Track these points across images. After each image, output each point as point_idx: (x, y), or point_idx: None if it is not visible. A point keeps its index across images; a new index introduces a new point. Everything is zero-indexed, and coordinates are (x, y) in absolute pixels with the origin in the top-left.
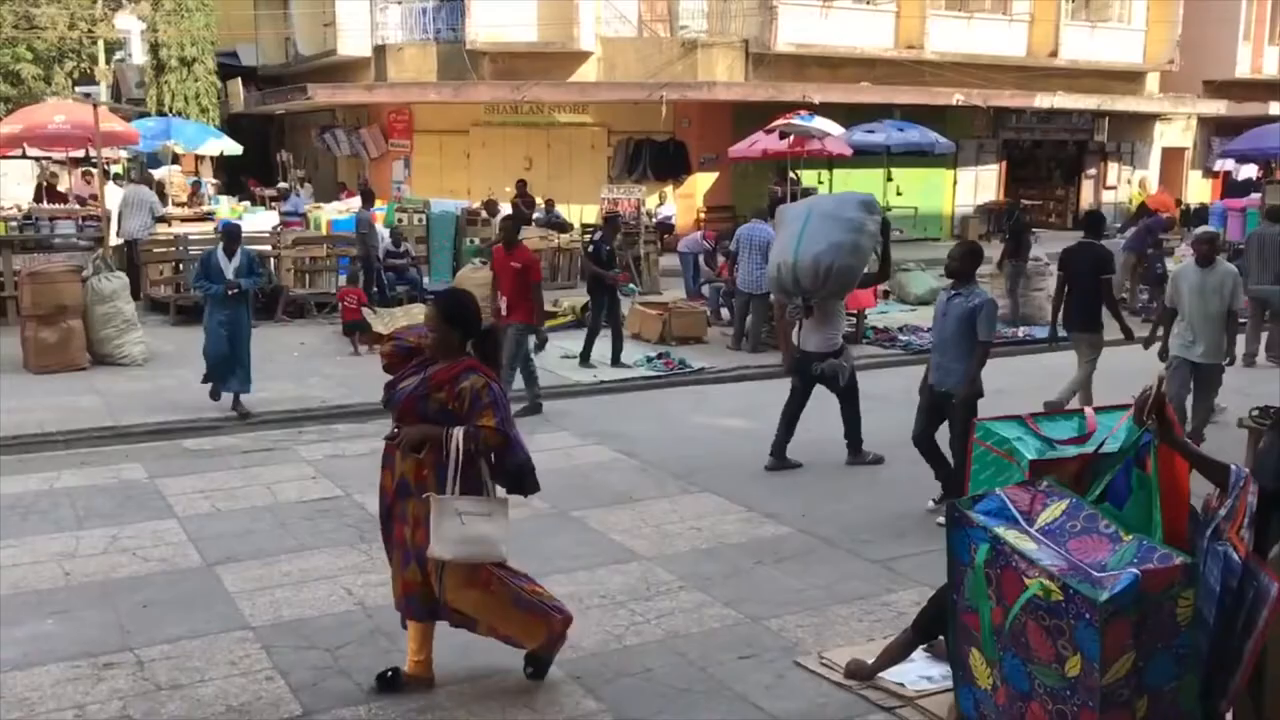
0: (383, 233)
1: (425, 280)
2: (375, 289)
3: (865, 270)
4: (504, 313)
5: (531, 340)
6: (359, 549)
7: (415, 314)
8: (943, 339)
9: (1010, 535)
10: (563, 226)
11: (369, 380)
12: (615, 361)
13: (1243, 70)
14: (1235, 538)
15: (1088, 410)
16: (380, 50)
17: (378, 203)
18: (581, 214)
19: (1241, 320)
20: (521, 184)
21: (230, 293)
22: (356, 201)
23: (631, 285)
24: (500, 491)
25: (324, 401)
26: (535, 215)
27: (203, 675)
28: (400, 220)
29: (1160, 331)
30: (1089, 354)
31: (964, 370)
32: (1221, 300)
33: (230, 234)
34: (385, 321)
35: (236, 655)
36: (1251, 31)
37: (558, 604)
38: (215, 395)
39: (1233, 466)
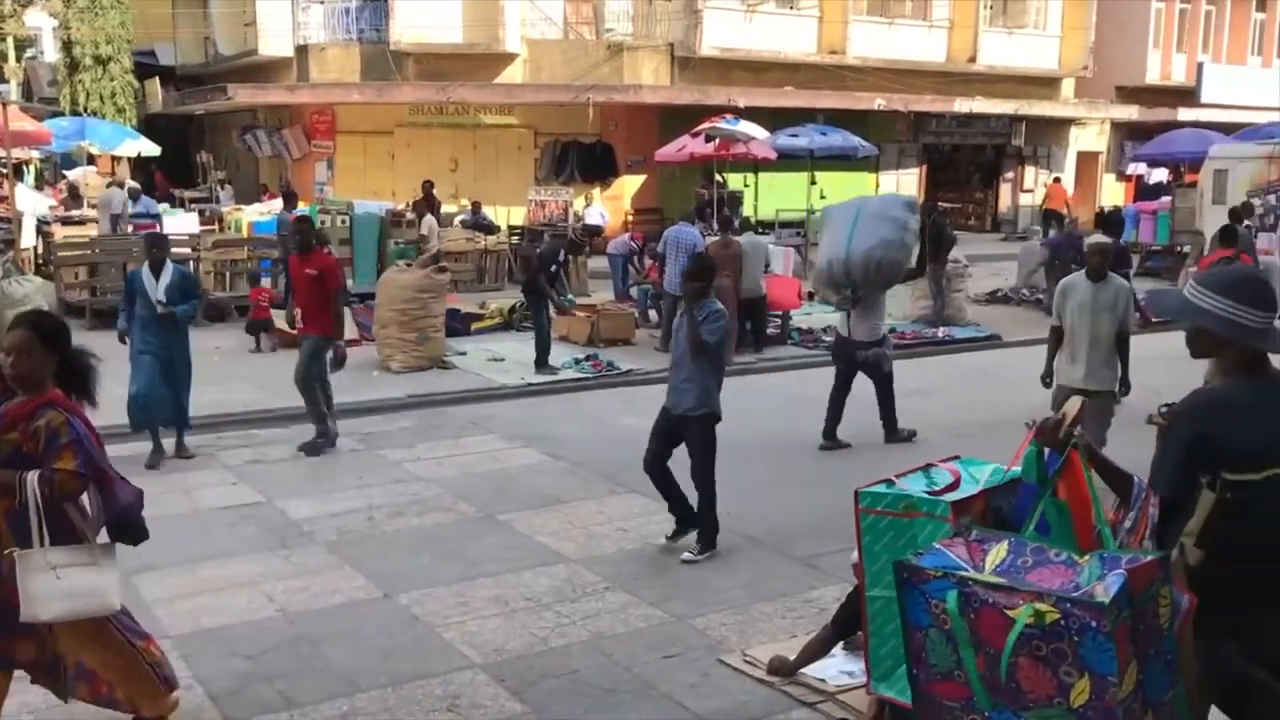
0: None
1: (350, 283)
2: None
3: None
4: (299, 324)
5: (329, 356)
6: (280, 554)
7: None
8: (677, 357)
9: (976, 576)
10: (489, 228)
11: (290, 384)
12: (541, 365)
13: (1153, 77)
14: (1138, 549)
15: (941, 465)
16: (302, 50)
17: (300, 204)
18: (508, 216)
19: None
20: (428, 185)
21: (160, 314)
22: (278, 203)
23: (569, 296)
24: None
25: (245, 406)
26: (461, 217)
27: None
28: (323, 222)
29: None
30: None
31: (698, 391)
32: (1113, 319)
33: (154, 244)
34: None
35: None
36: (1161, 39)
37: (169, 674)
38: (155, 446)
39: (1135, 478)
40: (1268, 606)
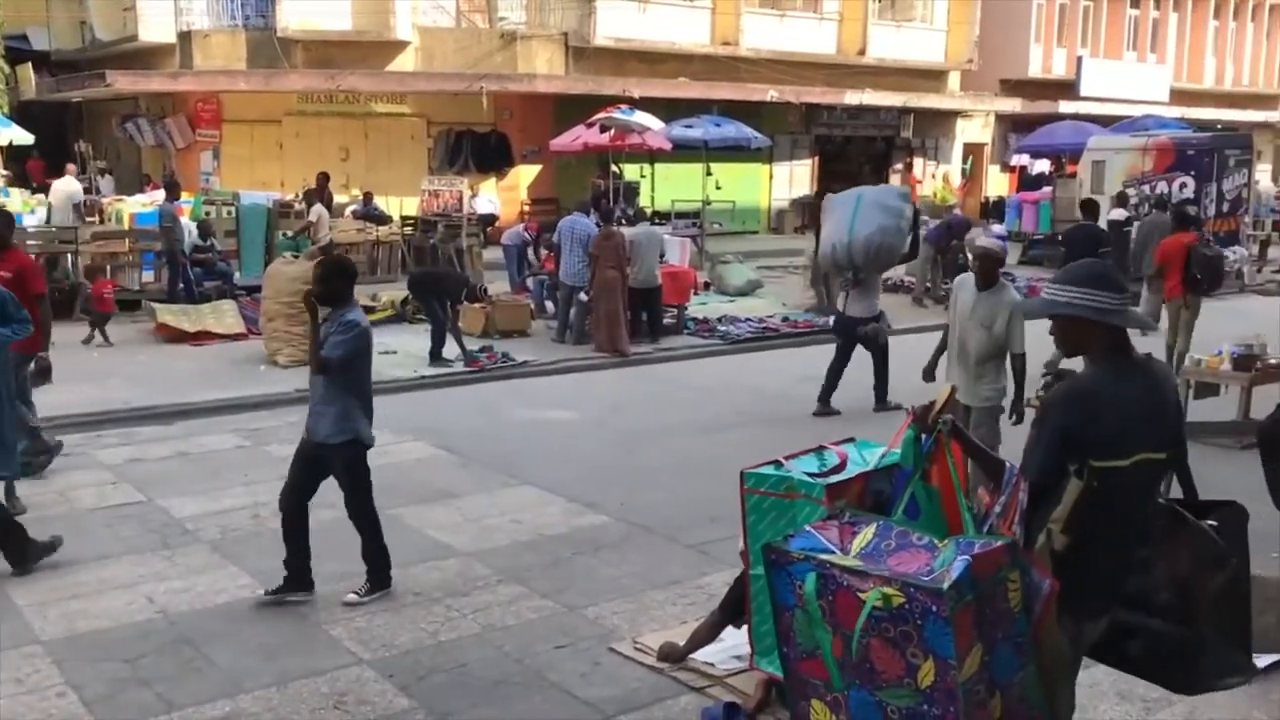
0: (189, 226)
1: (236, 275)
2: (181, 285)
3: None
4: None
5: (30, 369)
6: (161, 555)
7: (225, 310)
8: (313, 376)
9: (835, 559)
10: (381, 219)
11: (174, 380)
12: (435, 358)
13: (1035, 70)
14: (1007, 533)
15: (832, 448)
16: (185, 36)
17: (184, 195)
18: (401, 206)
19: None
20: (323, 177)
21: None
22: (161, 194)
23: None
24: None
25: (126, 403)
26: (352, 207)
27: None
28: (208, 213)
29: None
30: None
31: (334, 415)
32: (987, 336)
33: None
34: (192, 319)
35: (24, 672)
36: (1042, 34)
37: None
38: None
39: (1007, 464)
40: (1122, 576)
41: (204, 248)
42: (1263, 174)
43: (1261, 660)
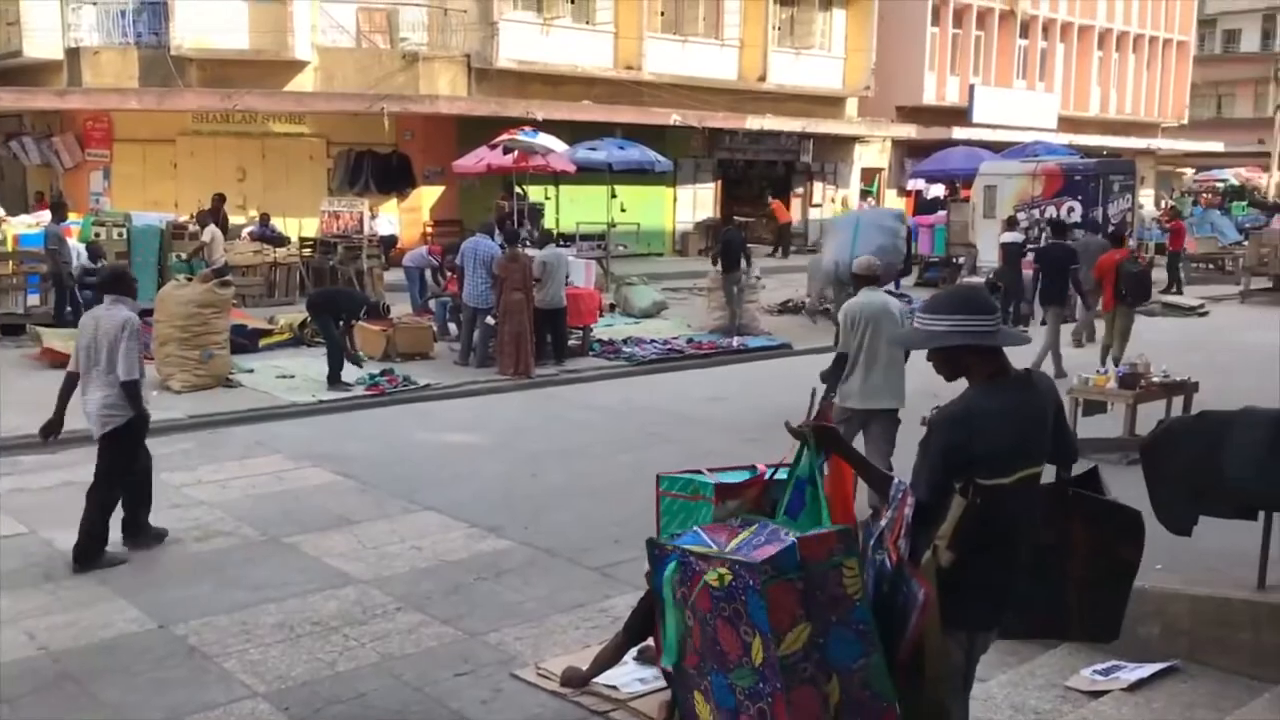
0: (78, 248)
1: None
2: (69, 308)
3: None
4: None
5: None
6: (44, 589)
7: None
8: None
9: (695, 548)
10: (278, 240)
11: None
12: (333, 381)
13: (929, 97)
14: (892, 546)
15: (758, 465)
16: (74, 53)
17: (72, 216)
18: (300, 227)
19: None
20: (219, 198)
21: None
22: (48, 215)
23: (359, 354)
24: None
25: (14, 430)
26: (249, 229)
27: None
28: (98, 234)
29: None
30: (1055, 322)
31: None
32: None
33: None
34: None
35: None
36: (936, 62)
37: None
38: None
39: (895, 479)
40: (1009, 588)
41: (94, 270)
42: (1145, 198)
43: (1145, 670)
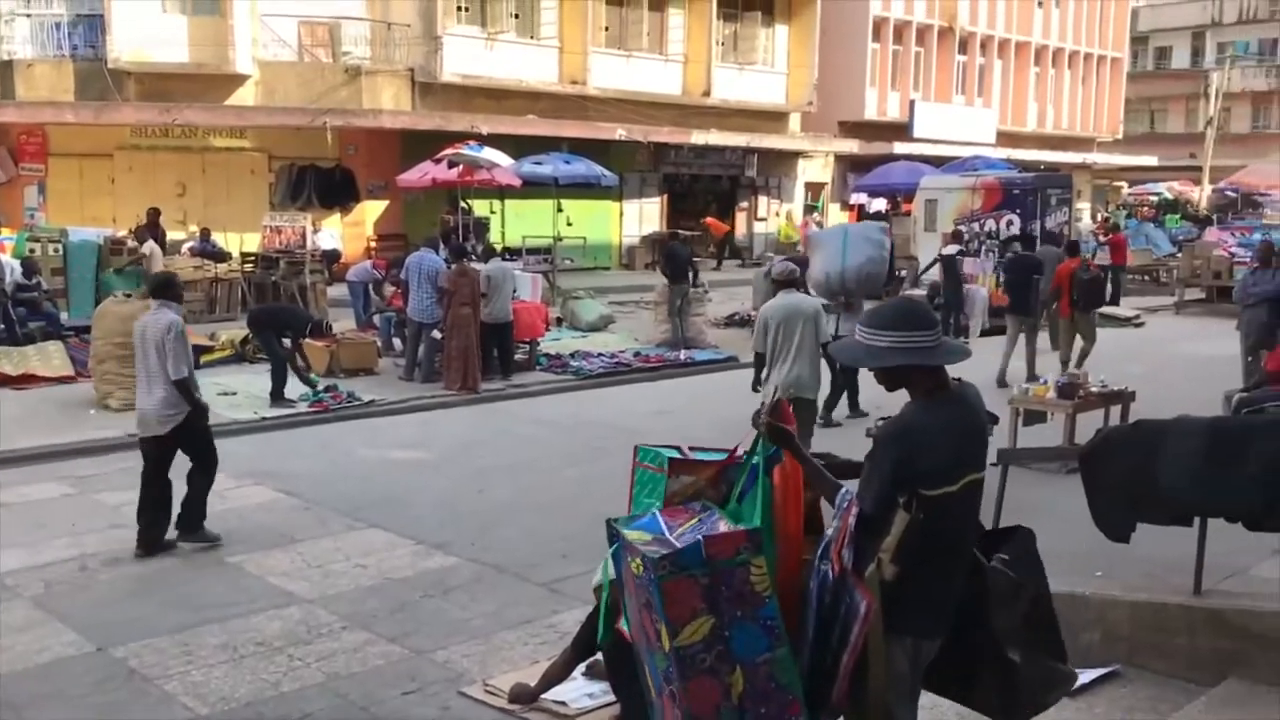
0: (11, 264)
1: (64, 316)
2: (2, 326)
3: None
4: None
5: None
6: None
7: (51, 352)
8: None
9: (633, 535)
10: (219, 256)
11: None
12: (276, 398)
13: (871, 113)
14: (836, 555)
15: (738, 449)
16: (6, 65)
17: (5, 231)
18: (242, 242)
19: None
20: (154, 212)
21: None
22: None
23: (314, 376)
24: None
25: None
26: (189, 244)
27: None
28: (33, 250)
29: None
30: (1015, 330)
31: None
32: (818, 335)
33: None
34: (15, 361)
35: None
36: (877, 78)
37: None
38: None
39: (843, 487)
40: (954, 595)
41: (29, 286)
42: (1082, 211)
43: (1086, 675)
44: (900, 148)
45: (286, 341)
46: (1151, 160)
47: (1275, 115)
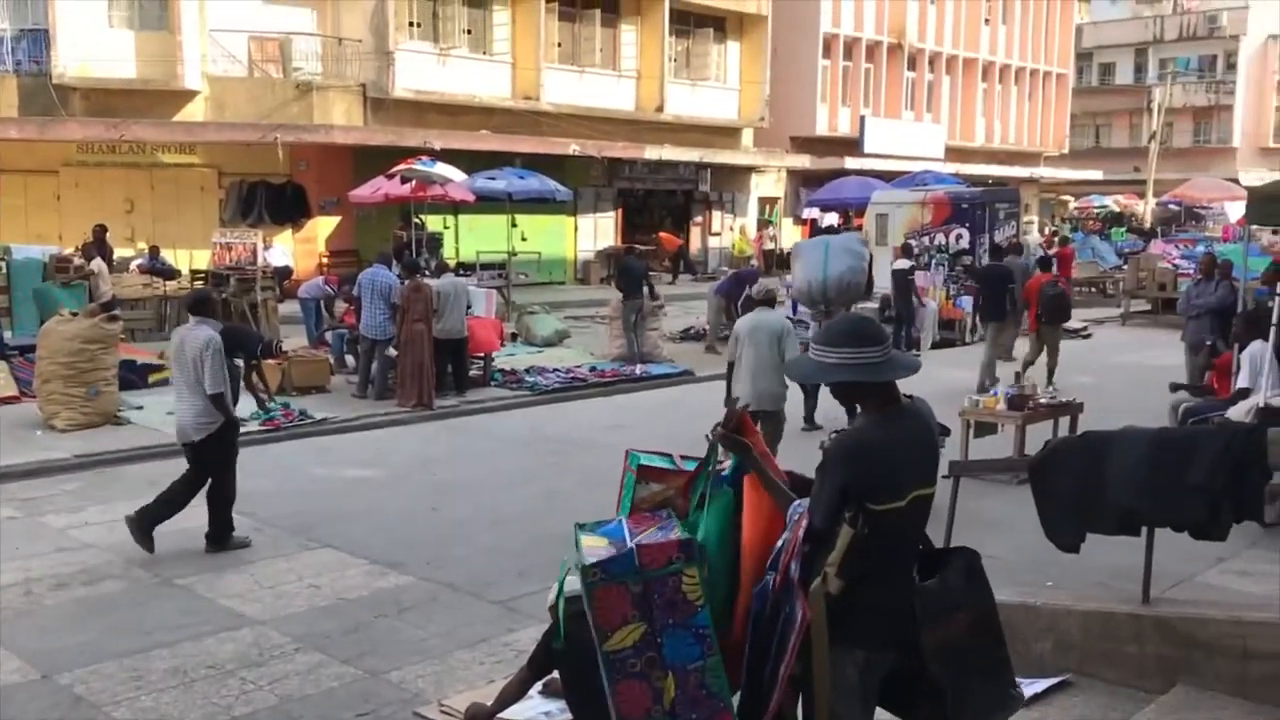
0: None
1: (7, 335)
2: None
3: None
4: None
5: None
6: None
7: None
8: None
9: (591, 541)
10: (169, 273)
11: None
12: None
13: (822, 128)
14: (784, 567)
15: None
16: None
17: None
18: (191, 259)
19: None
20: (100, 228)
21: None
22: None
23: (273, 401)
24: None
25: None
26: (137, 261)
27: None
28: None
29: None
30: (994, 337)
31: None
32: (778, 349)
33: None
34: None
35: None
36: (828, 94)
37: None
38: None
39: (795, 500)
40: (902, 608)
41: None
42: (1030, 225)
43: (1038, 684)
44: (851, 163)
45: (239, 361)
46: (1097, 174)
47: (1216, 130)
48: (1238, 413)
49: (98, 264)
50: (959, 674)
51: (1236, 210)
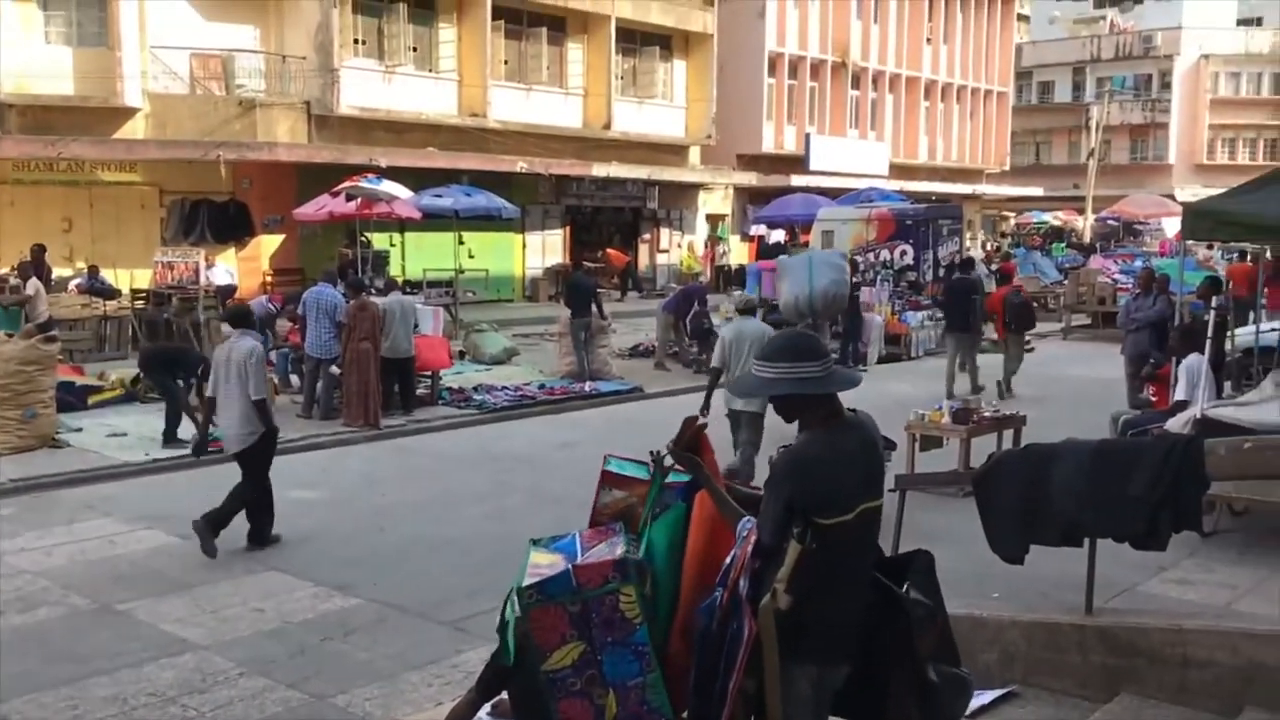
0: None
1: None
2: None
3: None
4: None
5: None
6: None
7: None
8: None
9: (542, 557)
10: (108, 293)
11: None
12: (169, 439)
13: (768, 146)
14: (732, 582)
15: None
16: None
17: None
18: (132, 278)
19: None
20: (38, 248)
21: None
22: None
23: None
24: None
25: None
26: (76, 281)
27: None
28: None
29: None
30: (955, 347)
31: None
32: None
33: None
34: None
35: None
36: (773, 112)
37: None
38: None
39: (745, 516)
40: (853, 621)
41: None
42: (973, 241)
43: (984, 696)
44: (797, 180)
45: (180, 381)
46: (1037, 191)
47: (1152, 147)
48: (1176, 424)
49: (34, 284)
50: (936, 669)
51: (1173, 225)
